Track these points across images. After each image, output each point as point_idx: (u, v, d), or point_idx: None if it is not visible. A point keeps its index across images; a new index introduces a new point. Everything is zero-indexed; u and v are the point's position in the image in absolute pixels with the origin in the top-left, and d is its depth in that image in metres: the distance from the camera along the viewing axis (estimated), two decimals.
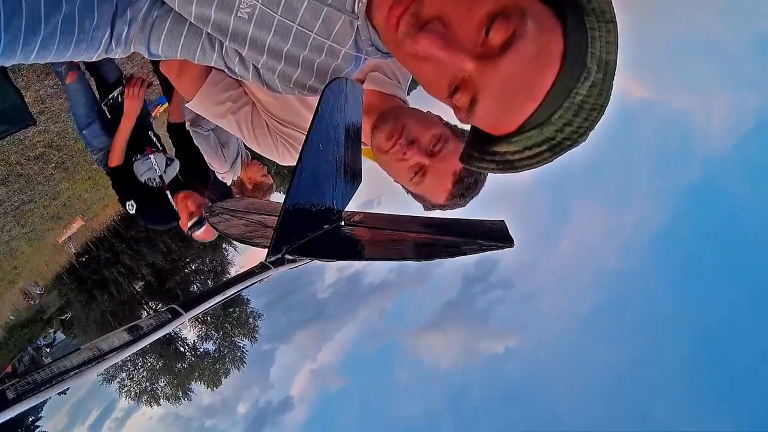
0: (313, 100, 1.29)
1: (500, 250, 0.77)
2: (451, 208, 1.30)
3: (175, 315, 0.67)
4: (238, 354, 26.30)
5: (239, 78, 0.93)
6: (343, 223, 0.94)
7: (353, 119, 0.95)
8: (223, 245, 25.05)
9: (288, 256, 0.76)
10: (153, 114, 7.11)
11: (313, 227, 0.87)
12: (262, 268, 0.74)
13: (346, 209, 0.98)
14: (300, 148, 1.35)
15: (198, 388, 26.62)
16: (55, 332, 29.20)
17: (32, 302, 18.02)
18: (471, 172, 1.21)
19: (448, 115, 1.25)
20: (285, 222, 0.78)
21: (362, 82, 1.28)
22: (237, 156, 3.16)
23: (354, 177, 1.02)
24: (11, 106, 3.19)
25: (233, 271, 26.37)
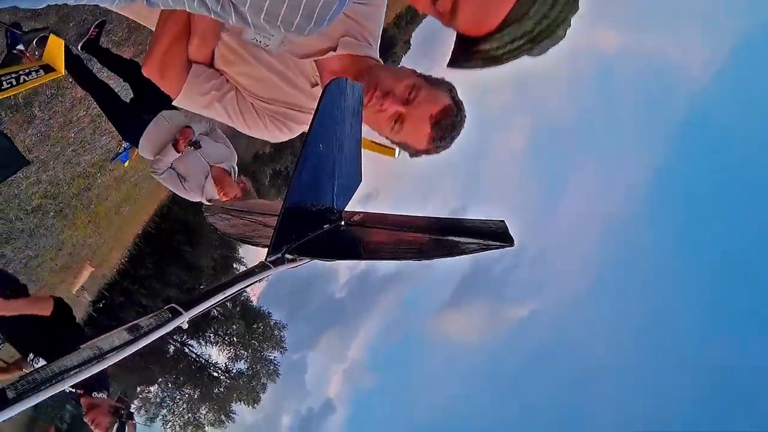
0: (293, 75, 1.32)
1: (502, 249, 0.76)
2: (436, 152, 1.34)
3: (175, 314, 0.68)
4: (271, 367, 26.23)
5: (222, 19, 0.97)
6: (343, 223, 0.94)
7: (353, 119, 0.95)
8: (234, 266, 24.97)
9: (288, 256, 0.77)
10: (131, 157, 7.20)
11: (313, 227, 0.87)
12: (262, 267, 0.74)
13: (346, 209, 0.98)
14: (288, 122, 1.35)
15: (239, 408, 26.49)
16: None
17: None
18: (447, 114, 1.27)
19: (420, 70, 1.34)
20: (285, 221, 0.78)
21: (334, 48, 1.31)
22: (205, 179, 3.33)
23: (354, 177, 1.03)
24: (2, 149, 3.27)
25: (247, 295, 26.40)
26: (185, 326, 0.84)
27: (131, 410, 2.77)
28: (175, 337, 25.38)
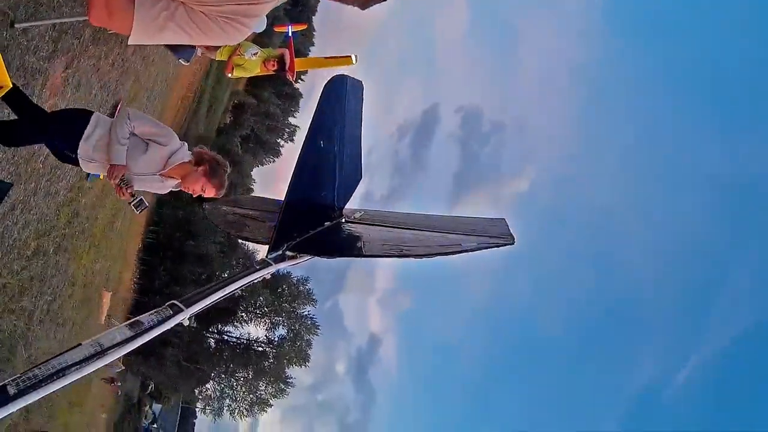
0: None
1: (503, 247, 0.77)
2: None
3: (177, 311, 0.68)
4: (309, 322, 26.42)
5: None
6: (343, 220, 0.94)
7: (354, 117, 0.95)
8: (239, 243, 25.06)
9: (288, 253, 0.77)
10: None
11: (314, 224, 0.87)
12: (263, 264, 0.75)
13: (347, 206, 0.99)
14: (241, 18, 1.35)
15: (294, 372, 26.80)
16: (150, 407, 29.44)
17: (118, 384, 18.25)
18: None
19: None
20: (286, 218, 0.79)
21: None
22: (167, 182, 2.85)
23: (355, 174, 1.03)
24: None
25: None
26: (186, 322, 0.85)
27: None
28: (211, 330, 25.52)
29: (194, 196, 2.83)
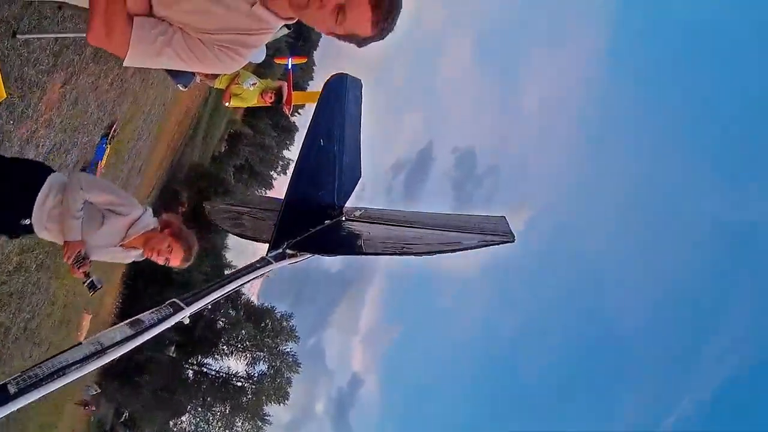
0: (233, 1, 1.32)
1: (502, 245, 0.76)
2: (381, 36, 1.33)
3: (177, 309, 0.67)
4: (290, 360, 26.04)
5: None
6: (343, 219, 0.94)
7: (354, 116, 0.95)
8: (226, 272, 24.71)
9: (288, 251, 0.77)
10: (99, 172, 7.05)
11: (314, 222, 0.87)
12: (263, 262, 0.74)
13: (346, 205, 0.99)
14: (236, 47, 1.36)
15: (271, 409, 26.23)
16: None
17: (93, 408, 17.76)
18: None
19: None
20: (286, 217, 0.78)
21: None
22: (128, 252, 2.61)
23: (354, 172, 1.03)
24: None
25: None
26: (186, 321, 0.83)
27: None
28: (190, 360, 25.04)
29: (159, 262, 2.54)
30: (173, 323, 0.67)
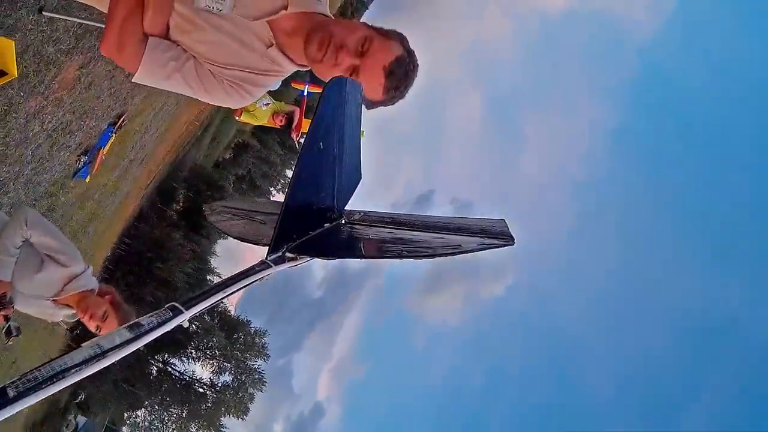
0: (247, 37, 1.33)
1: (502, 248, 0.77)
2: (392, 102, 1.36)
3: (177, 313, 0.67)
4: (256, 376, 25.69)
5: None
6: (343, 222, 0.94)
7: (354, 118, 0.97)
8: (208, 278, 24.20)
9: (288, 254, 0.77)
10: (91, 172, 7.03)
11: (314, 225, 0.87)
12: (263, 265, 0.74)
13: (346, 208, 0.99)
14: (246, 85, 1.37)
15: (229, 422, 25.96)
16: (75, 417, 28.08)
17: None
18: (400, 63, 1.29)
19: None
20: (285, 220, 0.78)
21: (285, 7, 1.33)
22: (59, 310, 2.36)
23: (354, 175, 1.04)
24: None
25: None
26: (186, 324, 0.82)
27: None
28: (156, 357, 24.63)
29: (90, 328, 2.29)
30: (173, 327, 0.67)
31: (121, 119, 7.41)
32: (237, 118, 6.06)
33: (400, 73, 1.29)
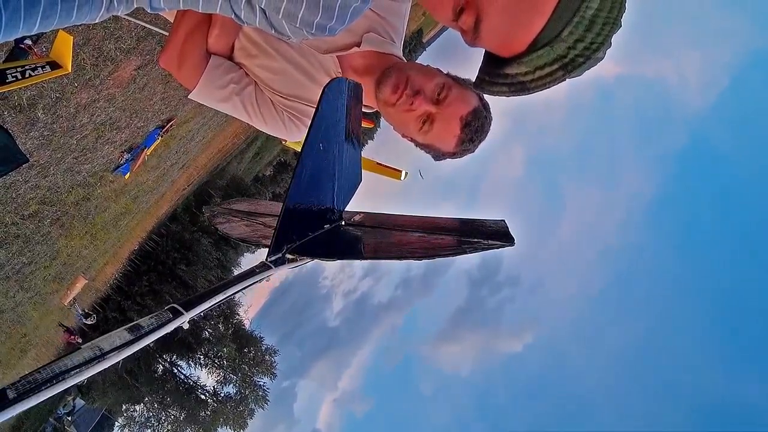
0: (314, 70, 1.28)
1: (502, 249, 0.75)
2: (461, 155, 1.30)
3: (176, 314, 0.66)
4: (260, 393, 25.78)
5: (246, 23, 0.90)
6: (343, 223, 0.93)
7: (354, 119, 0.95)
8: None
9: (289, 256, 0.76)
10: (132, 170, 7.16)
11: (314, 227, 0.87)
12: (263, 267, 0.73)
13: (346, 209, 0.98)
14: (305, 119, 1.32)
15: None
16: (74, 399, 28.70)
17: (78, 340, 17.64)
18: (477, 115, 1.22)
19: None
20: (285, 221, 0.78)
21: (358, 44, 1.27)
22: None
23: (354, 177, 1.02)
24: (2, 147, 3.07)
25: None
26: (186, 326, 0.81)
27: None
28: (164, 356, 25.02)
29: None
30: (172, 329, 0.66)
31: (170, 124, 7.64)
32: (283, 142, 6.20)
33: (476, 126, 1.23)
